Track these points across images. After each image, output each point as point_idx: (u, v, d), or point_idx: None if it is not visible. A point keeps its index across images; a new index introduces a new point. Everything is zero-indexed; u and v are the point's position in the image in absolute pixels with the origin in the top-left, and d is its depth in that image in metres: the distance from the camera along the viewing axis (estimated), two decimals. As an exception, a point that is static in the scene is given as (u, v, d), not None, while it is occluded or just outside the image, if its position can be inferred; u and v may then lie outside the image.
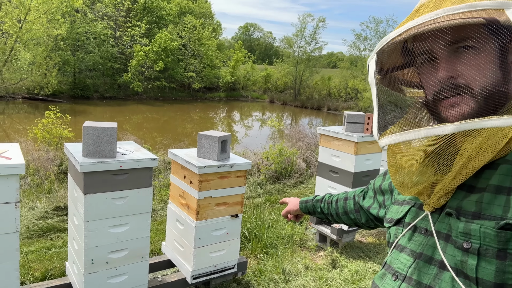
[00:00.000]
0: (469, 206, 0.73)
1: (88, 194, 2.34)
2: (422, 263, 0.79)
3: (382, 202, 1.11)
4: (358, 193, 1.26)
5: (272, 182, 6.38)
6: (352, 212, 1.26)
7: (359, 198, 1.24)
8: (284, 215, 1.54)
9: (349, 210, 1.27)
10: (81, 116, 19.14)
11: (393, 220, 0.92)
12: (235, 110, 29.18)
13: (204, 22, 33.95)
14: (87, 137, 2.38)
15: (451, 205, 0.77)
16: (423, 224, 0.82)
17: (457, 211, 0.75)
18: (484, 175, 0.74)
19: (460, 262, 0.71)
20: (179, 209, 3.05)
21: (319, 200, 1.40)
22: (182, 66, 30.33)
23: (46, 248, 3.68)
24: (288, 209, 1.52)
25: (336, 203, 1.33)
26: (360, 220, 1.24)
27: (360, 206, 1.23)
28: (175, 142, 10.74)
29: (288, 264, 3.63)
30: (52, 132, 7.82)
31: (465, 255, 0.71)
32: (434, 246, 0.77)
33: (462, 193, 0.76)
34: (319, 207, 1.39)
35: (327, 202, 1.36)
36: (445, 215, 0.77)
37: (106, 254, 2.49)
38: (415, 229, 0.84)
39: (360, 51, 30.93)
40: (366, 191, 1.22)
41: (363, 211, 1.22)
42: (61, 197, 4.92)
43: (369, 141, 3.90)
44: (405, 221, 0.88)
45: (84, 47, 25.85)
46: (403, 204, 0.92)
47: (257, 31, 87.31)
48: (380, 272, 0.90)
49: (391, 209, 0.97)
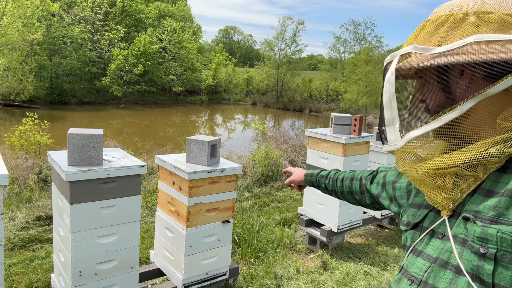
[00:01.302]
0: (486, 211, 0.72)
1: (74, 204, 2.25)
2: (437, 268, 0.78)
3: (394, 197, 1.11)
4: (366, 176, 1.28)
5: (259, 185, 6.35)
6: (357, 193, 1.29)
7: (367, 181, 1.26)
8: (288, 184, 1.59)
9: (354, 190, 1.31)
10: (59, 122, 18.69)
11: (410, 223, 0.92)
12: (218, 113, 29.07)
13: (184, 25, 33.70)
14: (72, 144, 2.29)
15: (468, 210, 0.76)
16: (440, 229, 0.82)
17: (474, 215, 0.74)
18: (502, 179, 0.74)
19: (476, 267, 0.70)
20: (168, 216, 2.97)
21: (324, 176, 1.43)
22: (162, 69, 30.03)
23: (28, 260, 3.54)
24: (293, 178, 1.56)
25: (341, 181, 1.35)
26: (365, 201, 1.28)
27: (367, 189, 1.25)
28: (158, 147, 10.57)
29: (280, 268, 3.60)
30: (30, 139, 7.59)
31: (482, 260, 0.70)
32: (450, 250, 0.77)
33: (480, 198, 0.76)
34: (323, 183, 1.42)
35: (332, 179, 1.39)
36: (462, 220, 0.77)
37: (95, 265, 2.40)
38: (433, 234, 0.84)
39: (340, 53, 31.30)
40: (375, 175, 1.24)
41: (368, 194, 1.25)
42: (42, 207, 4.75)
43: (357, 143, 3.91)
44: (423, 226, 0.88)
45: (61, 52, 25.30)
46: (421, 207, 0.91)
47: (238, 34, 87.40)
48: (396, 276, 0.89)
49: (408, 212, 0.96)
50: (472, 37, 0.72)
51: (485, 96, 0.72)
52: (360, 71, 25.38)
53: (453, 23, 0.77)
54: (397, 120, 0.82)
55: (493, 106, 0.76)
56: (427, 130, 0.78)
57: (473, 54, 0.72)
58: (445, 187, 0.80)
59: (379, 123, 0.92)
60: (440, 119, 0.76)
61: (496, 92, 0.71)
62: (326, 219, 4.05)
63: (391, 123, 0.83)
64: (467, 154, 0.75)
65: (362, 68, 25.35)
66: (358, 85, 25.23)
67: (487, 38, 0.72)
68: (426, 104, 0.87)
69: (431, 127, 0.77)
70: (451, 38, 0.76)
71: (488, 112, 0.76)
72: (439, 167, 0.78)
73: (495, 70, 0.72)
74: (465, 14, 0.76)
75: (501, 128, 0.74)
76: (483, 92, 0.72)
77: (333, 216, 3.97)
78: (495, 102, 0.75)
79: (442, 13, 0.80)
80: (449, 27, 0.77)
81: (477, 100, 0.73)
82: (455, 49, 0.74)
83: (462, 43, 0.73)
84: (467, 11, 0.76)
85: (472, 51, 0.72)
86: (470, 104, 0.73)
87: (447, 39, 0.76)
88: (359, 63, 25.82)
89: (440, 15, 0.80)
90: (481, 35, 0.72)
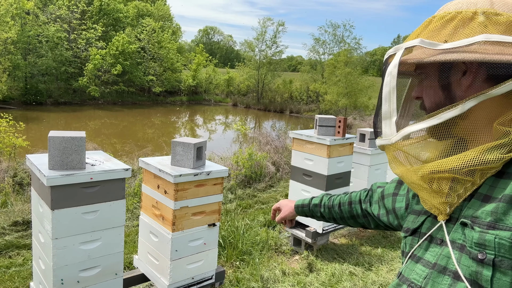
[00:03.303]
0: (484, 216, 0.72)
1: (56, 209, 2.16)
2: (436, 274, 0.77)
3: (393, 209, 1.09)
4: (364, 199, 1.24)
5: (243, 186, 6.31)
6: (360, 217, 1.25)
7: (366, 205, 1.22)
8: (279, 222, 1.51)
9: (356, 214, 1.25)
10: (34, 123, 18.16)
11: (409, 229, 0.91)
12: (198, 114, 28.85)
13: (163, 25, 33.31)
14: (53, 148, 2.20)
15: (466, 215, 0.76)
16: (439, 235, 0.81)
17: (472, 221, 0.74)
18: (499, 184, 0.73)
19: (474, 273, 0.70)
20: (153, 220, 2.91)
21: (317, 204, 1.36)
22: (141, 69, 29.59)
23: (5, 267, 3.40)
24: (284, 215, 1.47)
25: (339, 207, 1.30)
26: (369, 225, 1.24)
27: (368, 213, 1.21)
28: (138, 148, 10.37)
29: (265, 270, 3.58)
30: (5, 141, 7.33)
31: (480, 266, 0.69)
32: (449, 256, 0.76)
33: (478, 203, 0.75)
34: (318, 212, 1.36)
35: (328, 207, 1.33)
36: (460, 225, 0.76)
37: (77, 272, 2.32)
38: (431, 239, 0.83)
39: (320, 55, 31.60)
40: (371, 195, 1.21)
41: (371, 217, 1.21)
42: (19, 211, 4.58)
43: (341, 144, 3.93)
44: (421, 231, 0.87)
45: (36, 51, 24.58)
46: (420, 214, 0.91)
47: (217, 35, 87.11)
48: (394, 282, 0.88)
49: (407, 219, 0.96)
50: (481, 36, 0.72)
51: (487, 97, 0.72)
52: (340, 73, 25.71)
53: (461, 21, 0.76)
54: (394, 114, 0.81)
55: (492, 109, 0.75)
56: (425, 126, 0.77)
57: (480, 53, 0.71)
58: (442, 191, 0.79)
59: (375, 117, 0.91)
60: (439, 116, 0.75)
61: (500, 93, 0.71)
62: (311, 220, 4.05)
63: (388, 117, 0.81)
64: (464, 159, 0.74)
65: (341, 69, 25.67)
66: (337, 87, 25.54)
67: (495, 39, 0.71)
68: (422, 102, 0.86)
69: (430, 123, 0.76)
70: (458, 36, 0.75)
71: (485, 114, 0.76)
72: (435, 171, 0.77)
73: (500, 71, 0.72)
74: (474, 13, 0.75)
75: (497, 132, 0.74)
76: (486, 92, 0.71)
77: (318, 217, 3.97)
78: (494, 105, 0.75)
79: (450, 10, 0.79)
80: (457, 25, 0.76)
81: (479, 100, 0.72)
82: (463, 47, 0.73)
83: (470, 41, 0.72)
84: (476, 11, 0.75)
85: (480, 50, 0.72)
86: (471, 103, 0.72)
87: (454, 36, 0.75)
88: (339, 64, 26.15)
89: (448, 12, 0.78)
90: (489, 35, 0.72)
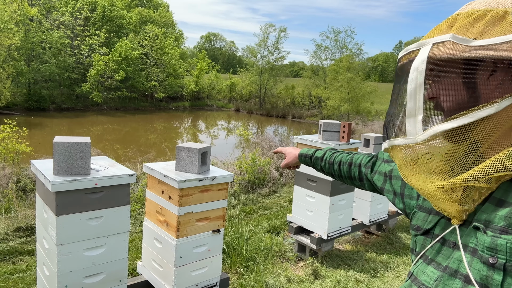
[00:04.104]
0: (497, 221, 0.72)
1: (60, 215, 2.15)
2: (447, 276, 0.77)
3: (401, 194, 1.07)
4: (365, 163, 1.26)
5: (246, 192, 6.29)
6: (356, 179, 1.29)
7: (367, 170, 1.24)
8: (284, 167, 1.59)
9: (353, 176, 1.30)
10: (37, 129, 18.20)
11: (420, 228, 0.90)
12: (200, 120, 28.88)
13: (166, 31, 33.47)
14: (58, 153, 2.19)
15: (479, 219, 0.75)
16: (452, 238, 0.81)
17: (485, 225, 0.73)
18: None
19: (485, 277, 0.70)
20: (157, 226, 2.89)
21: (320, 157, 1.42)
22: (144, 75, 29.69)
23: (8, 273, 3.38)
24: (288, 161, 1.56)
25: (339, 165, 1.35)
26: (364, 188, 1.27)
27: (367, 178, 1.24)
28: (141, 154, 10.37)
29: (270, 277, 3.54)
30: (8, 146, 7.34)
31: (491, 270, 0.69)
32: (460, 259, 0.76)
33: (491, 207, 0.75)
34: (319, 165, 1.43)
35: (329, 162, 1.38)
36: (472, 229, 0.76)
37: (81, 279, 2.30)
38: (444, 242, 0.82)
39: (322, 60, 31.67)
40: (375, 161, 1.23)
41: (368, 182, 1.24)
42: (22, 217, 4.57)
43: (346, 149, 3.91)
44: (434, 233, 0.86)
45: (40, 57, 24.72)
46: (431, 212, 0.89)
47: (220, 41, 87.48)
48: (406, 283, 0.88)
49: (417, 216, 0.94)
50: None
51: None
52: (342, 78, 25.73)
53: (491, 19, 0.74)
54: (420, 112, 0.78)
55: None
56: (456, 125, 0.74)
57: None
58: (460, 200, 0.77)
59: (387, 117, 0.89)
60: (472, 115, 0.72)
61: None
62: (316, 226, 4.02)
63: (412, 115, 0.78)
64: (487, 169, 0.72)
65: (343, 75, 25.70)
66: (340, 92, 25.55)
67: None
68: (437, 102, 0.83)
69: (461, 122, 0.73)
70: (489, 34, 0.73)
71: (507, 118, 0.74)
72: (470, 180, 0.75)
73: None
74: (505, 12, 0.74)
75: None
76: None
77: (322, 223, 3.95)
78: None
79: (478, 8, 0.77)
80: (487, 23, 0.74)
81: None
82: (496, 45, 0.71)
83: (503, 39, 0.71)
84: (507, 10, 0.74)
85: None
86: (508, 102, 0.71)
87: (484, 34, 0.74)
88: (341, 70, 26.18)
89: (476, 10, 0.77)
90: None
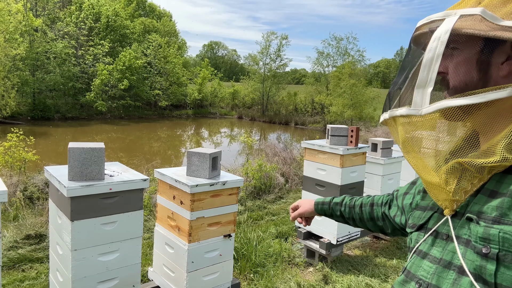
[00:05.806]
0: (489, 211, 0.73)
1: (75, 220, 2.17)
2: (441, 268, 0.78)
3: (402, 207, 1.09)
4: (385, 201, 1.23)
5: (252, 198, 6.29)
6: (379, 219, 1.23)
7: (385, 207, 1.21)
8: (295, 218, 1.45)
9: (376, 217, 1.23)
10: (42, 138, 18.28)
11: (415, 225, 0.91)
12: (204, 127, 28.96)
13: (169, 40, 33.72)
14: (73, 159, 2.21)
15: (472, 210, 0.76)
16: (444, 230, 0.82)
17: (477, 216, 0.74)
18: (506, 180, 0.74)
19: (479, 267, 0.71)
20: (168, 231, 2.89)
21: (339, 203, 1.33)
22: (147, 84, 29.87)
23: (18, 281, 3.39)
24: (302, 211, 1.42)
25: (360, 208, 1.28)
26: (387, 229, 1.22)
27: (386, 215, 1.20)
28: (146, 162, 10.40)
29: (280, 283, 3.53)
30: (15, 155, 7.38)
31: (484, 260, 0.70)
32: (454, 251, 0.77)
33: (484, 198, 0.76)
34: (338, 210, 1.33)
35: (349, 206, 1.30)
36: (465, 220, 0.77)
37: (95, 284, 2.30)
38: (437, 235, 0.83)
39: (324, 67, 31.79)
40: (392, 199, 1.20)
41: (389, 221, 1.19)
42: (31, 225, 4.58)
43: (354, 154, 3.92)
44: (427, 227, 0.87)
45: (44, 67, 24.92)
46: (426, 209, 0.91)
47: (222, 49, 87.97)
48: (400, 278, 0.88)
49: (413, 214, 0.96)
50: None
51: None
52: (344, 84, 25.79)
53: None
54: (431, 84, 0.75)
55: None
56: (466, 103, 0.72)
57: None
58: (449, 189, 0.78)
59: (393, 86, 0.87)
60: (483, 95, 0.71)
61: None
62: (325, 231, 4.01)
63: (422, 85, 0.76)
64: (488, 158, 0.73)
65: (346, 81, 25.76)
66: (343, 98, 25.60)
67: None
68: (443, 78, 0.81)
69: (471, 101, 0.72)
70: None
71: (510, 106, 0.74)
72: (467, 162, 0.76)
73: None
74: None
75: None
76: None
77: (331, 228, 3.94)
78: None
79: None
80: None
81: None
82: None
83: None
84: None
85: None
86: None
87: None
88: (343, 76, 26.25)
89: None
90: None
